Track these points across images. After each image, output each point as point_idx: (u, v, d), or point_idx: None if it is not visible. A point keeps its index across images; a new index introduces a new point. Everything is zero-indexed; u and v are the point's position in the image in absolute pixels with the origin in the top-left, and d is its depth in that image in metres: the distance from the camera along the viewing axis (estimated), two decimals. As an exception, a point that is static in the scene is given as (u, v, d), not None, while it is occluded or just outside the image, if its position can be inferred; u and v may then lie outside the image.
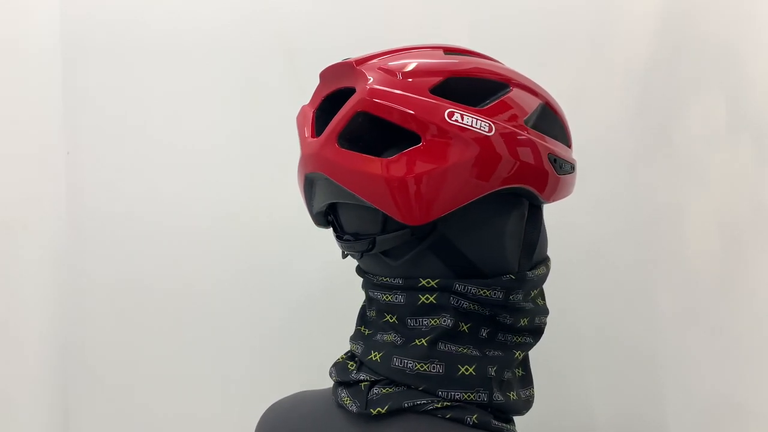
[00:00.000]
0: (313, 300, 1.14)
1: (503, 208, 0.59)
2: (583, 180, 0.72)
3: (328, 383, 0.66)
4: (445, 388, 0.57)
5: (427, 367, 0.57)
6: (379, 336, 0.61)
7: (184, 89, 1.15)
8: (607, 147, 1.02)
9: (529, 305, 0.62)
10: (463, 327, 0.59)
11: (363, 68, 0.58)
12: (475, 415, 0.56)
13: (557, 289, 0.67)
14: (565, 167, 0.61)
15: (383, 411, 0.57)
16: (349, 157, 0.56)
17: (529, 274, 0.60)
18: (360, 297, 0.66)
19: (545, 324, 0.64)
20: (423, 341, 0.58)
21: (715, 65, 0.99)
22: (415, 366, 0.58)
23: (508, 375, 0.60)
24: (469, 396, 0.57)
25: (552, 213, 0.68)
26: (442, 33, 1.08)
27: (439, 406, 0.56)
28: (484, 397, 0.57)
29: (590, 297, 1.05)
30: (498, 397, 0.58)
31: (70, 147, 1.18)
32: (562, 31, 1.06)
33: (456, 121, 0.54)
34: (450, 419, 0.56)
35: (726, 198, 0.99)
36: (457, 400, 0.57)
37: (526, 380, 0.64)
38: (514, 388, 0.61)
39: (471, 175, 0.54)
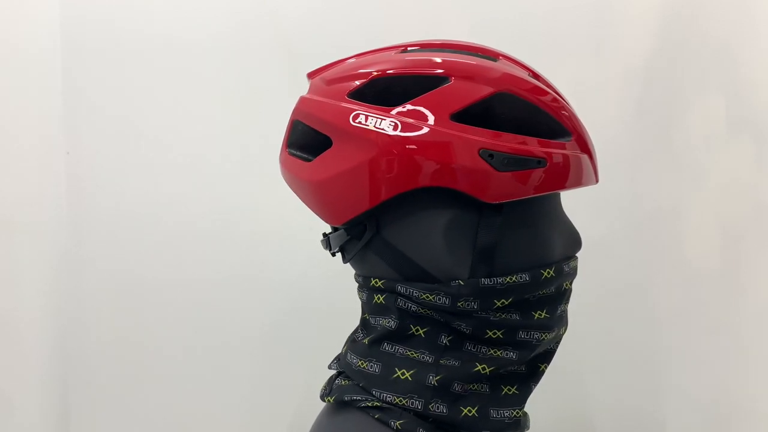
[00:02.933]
0: (315, 298, 1.14)
1: (436, 209, 0.56)
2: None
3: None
4: (379, 389, 0.57)
5: (366, 365, 0.59)
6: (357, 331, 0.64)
7: (184, 89, 1.15)
8: (607, 147, 1.02)
9: (503, 316, 0.57)
10: (417, 330, 0.58)
11: (312, 79, 0.62)
12: (401, 421, 0.56)
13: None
14: (517, 162, 0.53)
15: (331, 400, 0.60)
16: (291, 163, 0.61)
17: (485, 281, 0.55)
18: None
19: (539, 340, 0.58)
20: (366, 340, 0.60)
21: (715, 65, 0.99)
22: (358, 363, 0.59)
23: (468, 388, 0.57)
24: (400, 400, 0.56)
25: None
26: (443, 34, 1.08)
27: (370, 405, 0.57)
28: (417, 405, 0.56)
29: (590, 297, 1.05)
30: (438, 408, 0.56)
31: (70, 147, 1.18)
32: (562, 31, 1.06)
33: (359, 123, 0.55)
34: (378, 419, 0.57)
35: (726, 198, 0.99)
36: (387, 402, 0.57)
37: (514, 400, 0.59)
38: (477, 404, 0.57)
39: (375, 176, 0.54)
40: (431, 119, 0.54)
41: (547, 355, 0.61)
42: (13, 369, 1.11)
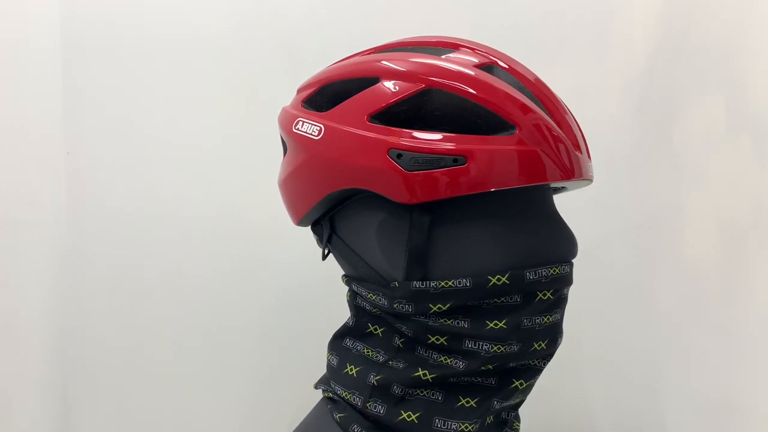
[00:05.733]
0: (320, 294, 1.14)
1: (372, 210, 0.56)
2: (583, 180, 0.72)
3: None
4: (335, 381, 0.61)
5: (330, 358, 0.63)
6: None
7: (184, 89, 1.15)
8: (607, 147, 1.02)
9: (446, 321, 0.54)
10: (376, 329, 0.60)
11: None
12: (341, 414, 0.58)
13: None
14: (427, 161, 0.50)
15: (315, 388, 0.65)
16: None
17: (417, 284, 0.53)
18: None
19: (489, 352, 0.53)
20: (334, 335, 0.64)
21: (715, 65, 0.99)
22: (327, 355, 0.64)
23: (414, 392, 0.56)
24: (346, 395, 0.59)
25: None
26: (443, 34, 1.08)
27: (326, 395, 0.62)
28: (358, 401, 0.57)
29: (589, 297, 1.05)
30: (376, 408, 0.56)
31: (70, 147, 1.18)
32: (562, 31, 1.06)
33: (297, 129, 0.58)
34: (329, 410, 0.60)
35: (726, 198, 0.99)
36: (338, 395, 0.60)
37: (468, 413, 0.55)
38: (420, 411, 0.55)
39: (306, 179, 0.58)
40: (351, 122, 0.54)
41: (527, 372, 0.57)
42: (13, 369, 1.11)
